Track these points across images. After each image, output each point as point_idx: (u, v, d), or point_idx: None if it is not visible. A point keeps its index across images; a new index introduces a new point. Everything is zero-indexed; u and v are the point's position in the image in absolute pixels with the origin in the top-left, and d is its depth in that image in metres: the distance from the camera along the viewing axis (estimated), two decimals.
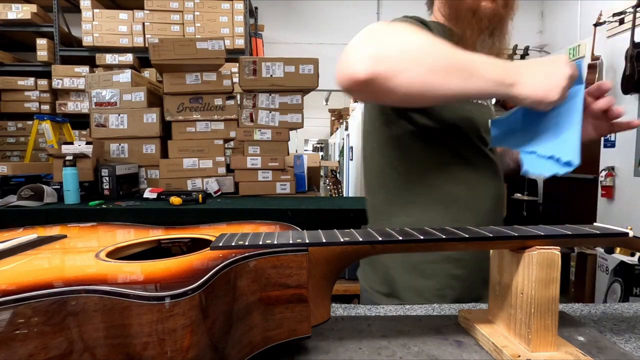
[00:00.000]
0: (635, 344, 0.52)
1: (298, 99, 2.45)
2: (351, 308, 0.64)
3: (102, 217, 1.84)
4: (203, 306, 0.34)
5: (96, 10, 3.82)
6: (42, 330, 0.31)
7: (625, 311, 0.63)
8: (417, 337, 0.51)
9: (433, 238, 0.46)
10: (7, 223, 1.77)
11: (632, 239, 0.49)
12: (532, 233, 0.47)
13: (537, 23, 5.57)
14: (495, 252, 0.51)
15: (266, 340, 0.43)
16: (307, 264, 0.43)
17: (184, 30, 3.83)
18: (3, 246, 0.46)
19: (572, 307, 0.64)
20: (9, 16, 3.76)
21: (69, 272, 0.39)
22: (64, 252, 0.46)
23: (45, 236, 0.52)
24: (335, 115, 10.17)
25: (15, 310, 0.30)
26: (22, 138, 4.07)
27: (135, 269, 0.39)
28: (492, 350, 0.47)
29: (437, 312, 0.63)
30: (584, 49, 4.39)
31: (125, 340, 0.32)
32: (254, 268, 0.41)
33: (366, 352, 0.47)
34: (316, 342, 0.49)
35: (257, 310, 0.42)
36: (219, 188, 2.40)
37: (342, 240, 0.45)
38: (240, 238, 0.46)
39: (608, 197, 3.98)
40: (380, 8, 5.40)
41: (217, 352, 0.36)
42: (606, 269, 2.72)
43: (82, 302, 0.32)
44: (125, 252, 0.50)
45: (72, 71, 3.88)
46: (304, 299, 0.43)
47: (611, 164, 3.96)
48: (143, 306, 0.31)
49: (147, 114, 2.40)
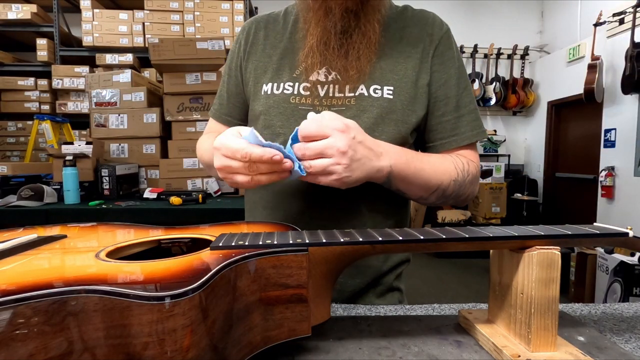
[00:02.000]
0: (635, 344, 0.52)
1: None
2: (351, 308, 0.64)
3: (102, 217, 1.84)
4: (203, 306, 0.34)
5: (96, 10, 3.82)
6: (42, 330, 0.31)
7: (625, 311, 0.63)
8: (417, 337, 0.51)
9: (433, 238, 0.46)
10: (7, 223, 1.77)
11: (632, 239, 0.49)
12: (532, 233, 0.47)
13: (537, 23, 5.58)
14: (495, 252, 0.51)
15: (266, 340, 0.43)
16: (307, 264, 0.43)
17: (184, 30, 3.84)
18: (3, 246, 0.46)
19: (572, 307, 0.64)
20: (9, 16, 3.76)
21: (69, 272, 0.39)
22: (64, 252, 0.46)
23: (45, 236, 0.52)
24: None
25: (15, 310, 0.30)
26: (22, 138, 4.07)
27: (135, 269, 0.39)
28: (492, 350, 0.47)
29: (437, 312, 0.63)
30: (584, 49, 4.39)
31: (125, 340, 0.32)
32: (254, 268, 0.41)
33: (366, 352, 0.47)
34: (316, 342, 0.49)
35: (257, 310, 0.42)
36: (219, 188, 2.40)
37: (342, 240, 0.45)
38: (240, 238, 0.46)
39: (608, 197, 3.98)
40: None
41: (217, 352, 0.36)
42: (606, 269, 2.72)
43: (82, 302, 0.32)
44: (125, 252, 0.50)
45: (72, 71, 3.89)
46: (304, 299, 0.43)
47: (611, 164, 3.96)
48: (143, 306, 0.31)
49: (147, 114, 2.40)
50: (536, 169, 5.44)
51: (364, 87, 0.71)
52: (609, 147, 4.01)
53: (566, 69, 4.80)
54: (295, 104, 0.73)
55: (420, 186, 0.67)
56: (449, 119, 0.74)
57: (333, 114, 0.57)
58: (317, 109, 0.71)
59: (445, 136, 0.74)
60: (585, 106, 4.26)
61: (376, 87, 0.71)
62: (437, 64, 0.74)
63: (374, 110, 0.71)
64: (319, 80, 0.72)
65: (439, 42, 0.75)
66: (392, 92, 0.71)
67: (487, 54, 5.37)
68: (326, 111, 0.58)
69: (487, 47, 5.33)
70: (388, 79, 0.72)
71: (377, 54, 0.71)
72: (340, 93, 0.72)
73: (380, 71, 0.72)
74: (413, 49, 0.74)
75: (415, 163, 0.65)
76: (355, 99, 0.71)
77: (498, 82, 5.31)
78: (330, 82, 0.72)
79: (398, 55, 0.73)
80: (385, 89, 0.71)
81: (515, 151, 5.58)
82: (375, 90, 0.71)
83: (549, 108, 5.16)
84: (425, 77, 0.73)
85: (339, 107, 0.71)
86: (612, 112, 3.96)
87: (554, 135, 5.14)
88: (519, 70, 5.43)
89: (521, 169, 5.61)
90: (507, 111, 5.55)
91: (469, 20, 5.46)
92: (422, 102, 0.73)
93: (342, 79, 0.71)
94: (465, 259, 4.38)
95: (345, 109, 0.71)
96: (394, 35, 0.74)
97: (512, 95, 5.34)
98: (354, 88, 0.71)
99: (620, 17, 3.74)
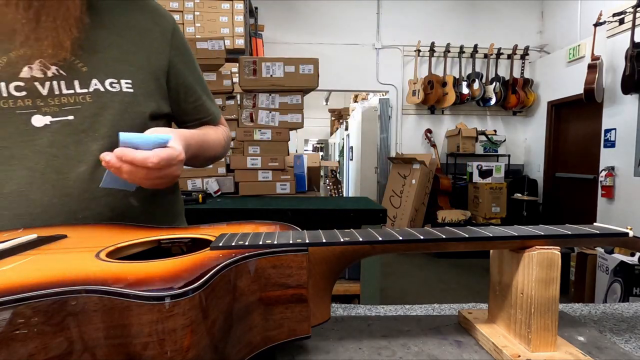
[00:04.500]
0: (635, 344, 0.52)
1: (298, 99, 2.45)
2: (351, 308, 0.64)
3: None
4: (203, 306, 0.34)
5: None
6: (42, 330, 0.31)
7: (625, 311, 0.63)
8: (417, 337, 0.51)
9: (433, 238, 0.46)
10: None
11: (632, 239, 0.49)
12: (532, 233, 0.47)
13: (537, 23, 5.58)
14: (495, 252, 0.51)
15: (266, 340, 0.43)
16: (307, 264, 0.43)
17: (184, 30, 3.83)
18: (3, 246, 0.46)
19: (572, 307, 0.64)
20: None
21: (69, 272, 0.39)
22: (64, 252, 0.46)
23: (45, 236, 0.52)
24: (335, 115, 10.18)
25: (15, 310, 0.30)
26: None
27: (135, 269, 0.39)
28: (492, 350, 0.47)
29: (437, 312, 0.63)
30: (584, 49, 4.39)
31: (125, 340, 0.32)
32: (254, 268, 0.41)
33: (366, 352, 0.47)
34: (316, 342, 0.49)
35: (257, 310, 0.42)
36: (219, 188, 2.40)
37: (342, 240, 0.45)
38: (240, 238, 0.46)
39: (608, 197, 3.98)
40: (380, 8, 5.40)
41: (217, 352, 0.36)
42: (606, 269, 2.72)
43: (82, 302, 0.32)
44: (125, 252, 0.49)
45: None
46: (304, 299, 0.43)
47: (611, 164, 3.96)
48: (143, 306, 0.31)
49: None
50: (536, 169, 5.44)
51: (97, 81, 0.65)
52: (609, 147, 4.01)
53: (566, 69, 4.80)
54: (9, 109, 0.61)
55: (205, 159, 0.80)
56: (202, 102, 0.83)
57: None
58: (44, 111, 0.62)
59: (205, 115, 0.84)
60: (585, 106, 4.26)
61: (112, 80, 0.66)
62: (176, 55, 0.76)
63: (115, 105, 0.66)
64: (35, 76, 0.62)
65: (172, 34, 0.76)
66: (132, 84, 0.68)
67: (487, 54, 5.37)
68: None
69: (487, 47, 5.33)
70: (123, 72, 0.67)
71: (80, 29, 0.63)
72: (69, 89, 0.63)
73: (112, 62, 0.67)
74: (144, 36, 0.71)
75: (198, 141, 0.72)
76: (91, 95, 0.64)
77: (498, 82, 5.31)
78: (52, 78, 0.62)
79: (125, 40, 0.69)
80: (123, 82, 0.67)
81: (515, 151, 5.58)
82: (111, 85, 0.66)
83: (549, 108, 5.16)
84: (164, 67, 0.74)
85: (73, 106, 0.64)
86: (612, 112, 3.96)
87: (554, 135, 5.14)
88: (519, 70, 5.43)
89: (521, 169, 5.61)
90: (507, 111, 5.55)
91: (469, 20, 5.47)
92: (163, 92, 0.75)
93: (64, 72, 0.63)
94: (465, 259, 4.38)
95: (82, 109, 0.64)
96: (110, 15, 0.69)
97: (512, 95, 5.34)
98: (85, 83, 0.64)
99: (620, 17, 3.74)
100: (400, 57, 5.47)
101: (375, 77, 5.47)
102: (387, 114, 5.56)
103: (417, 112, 5.55)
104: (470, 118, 5.57)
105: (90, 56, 0.65)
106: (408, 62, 5.47)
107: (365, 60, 5.41)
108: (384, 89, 5.56)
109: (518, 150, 5.64)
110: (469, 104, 5.41)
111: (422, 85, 5.25)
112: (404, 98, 5.48)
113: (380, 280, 2.09)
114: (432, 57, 5.34)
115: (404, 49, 5.43)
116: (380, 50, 5.44)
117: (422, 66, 5.41)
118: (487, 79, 5.36)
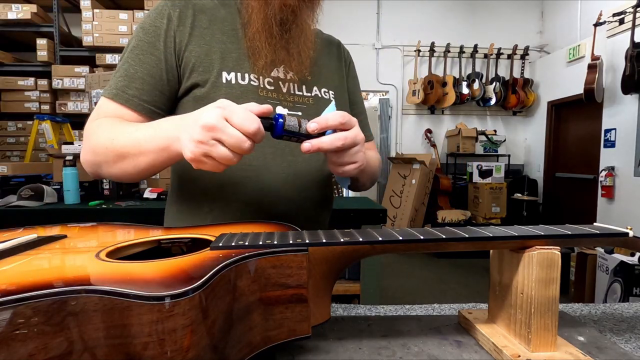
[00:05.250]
0: (635, 344, 0.52)
1: None
2: (351, 308, 0.64)
3: (102, 217, 1.83)
4: (203, 306, 0.34)
5: (96, 10, 3.81)
6: (42, 330, 0.31)
7: (625, 311, 0.63)
8: (417, 337, 0.51)
9: (433, 238, 0.46)
10: (7, 223, 1.77)
11: (632, 239, 0.49)
12: (532, 233, 0.47)
13: (537, 23, 5.57)
14: (495, 252, 0.51)
15: (266, 340, 0.43)
16: (307, 264, 0.43)
17: None
18: (3, 246, 0.46)
19: (572, 307, 0.64)
20: (9, 16, 3.76)
21: (69, 272, 0.39)
22: (64, 252, 0.46)
23: (45, 236, 0.52)
24: None
25: (15, 310, 0.30)
26: (22, 138, 4.07)
27: (135, 269, 0.39)
28: (492, 350, 0.47)
29: (437, 312, 0.63)
30: (584, 49, 4.39)
31: (125, 340, 0.32)
32: (254, 268, 0.41)
33: (366, 352, 0.47)
34: (316, 342, 0.49)
35: (257, 310, 0.42)
36: None
37: (342, 240, 0.45)
38: (240, 238, 0.46)
39: (608, 197, 3.98)
40: (380, 8, 5.40)
41: (217, 352, 0.36)
42: (606, 269, 2.72)
43: (82, 302, 0.32)
44: (125, 252, 0.50)
45: (72, 71, 3.88)
46: (304, 299, 0.43)
47: (611, 164, 3.96)
48: (143, 306, 0.31)
49: None
50: (536, 169, 5.44)
51: (317, 88, 0.82)
52: (609, 147, 4.01)
53: (566, 69, 4.80)
54: (264, 97, 0.75)
55: (369, 175, 0.82)
56: (362, 119, 0.89)
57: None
58: (284, 104, 0.77)
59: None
60: (585, 106, 4.26)
61: (324, 89, 0.83)
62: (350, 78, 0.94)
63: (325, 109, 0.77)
64: (279, 77, 0.78)
65: (349, 64, 0.94)
66: (335, 95, 0.84)
67: (487, 54, 5.36)
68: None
69: (487, 47, 5.33)
70: (330, 85, 0.85)
71: (314, 51, 0.80)
72: (299, 91, 0.79)
73: (325, 76, 0.84)
74: (337, 62, 0.90)
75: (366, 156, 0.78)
76: (312, 98, 0.80)
77: (498, 82, 5.30)
78: (289, 80, 0.79)
79: (329, 64, 0.87)
80: (330, 93, 0.84)
81: (515, 151, 5.58)
82: (324, 93, 0.83)
83: (549, 108, 5.16)
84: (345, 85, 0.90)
85: (302, 105, 0.79)
86: (612, 112, 3.96)
87: (554, 135, 5.13)
88: (519, 70, 5.43)
89: (521, 169, 5.61)
90: (507, 111, 5.55)
91: (469, 20, 5.46)
92: (347, 103, 0.90)
93: (298, 78, 0.79)
94: (465, 259, 4.38)
95: (307, 107, 0.79)
96: (322, 46, 0.86)
97: (512, 95, 5.33)
98: (309, 89, 0.81)
99: (620, 17, 3.74)
100: (400, 57, 5.46)
101: (375, 77, 5.47)
102: (387, 114, 5.56)
103: (417, 112, 5.55)
104: (470, 118, 5.56)
105: (312, 68, 0.81)
106: (408, 62, 5.47)
107: (365, 60, 5.40)
108: (384, 89, 5.55)
109: (518, 150, 5.64)
110: (469, 104, 5.41)
111: (422, 85, 5.24)
112: (404, 98, 5.48)
113: (380, 280, 2.08)
114: (432, 57, 5.34)
115: (404, 49, 5.43)
116: (380, 50, 5.44)
117: (422, 66, 5.41)
118: (487, 79, 5.36)
